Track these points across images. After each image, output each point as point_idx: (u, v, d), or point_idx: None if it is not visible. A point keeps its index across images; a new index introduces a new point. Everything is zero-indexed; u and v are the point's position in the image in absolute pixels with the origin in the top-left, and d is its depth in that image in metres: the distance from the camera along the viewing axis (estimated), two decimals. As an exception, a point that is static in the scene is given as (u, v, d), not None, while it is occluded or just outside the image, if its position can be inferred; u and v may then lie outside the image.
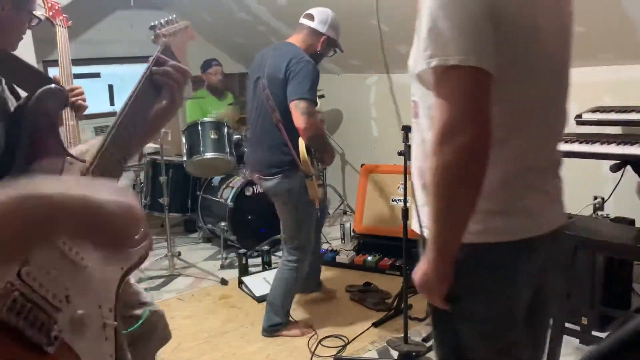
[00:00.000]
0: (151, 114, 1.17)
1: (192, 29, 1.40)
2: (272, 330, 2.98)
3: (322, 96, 4.32)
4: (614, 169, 2.59)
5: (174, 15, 1.33)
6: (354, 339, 2.92)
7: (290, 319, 3.04)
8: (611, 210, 3.14)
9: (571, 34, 1.30)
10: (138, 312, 1.61)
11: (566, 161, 3.74)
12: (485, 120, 1.08)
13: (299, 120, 2.61)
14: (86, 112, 1.80)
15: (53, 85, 1.01)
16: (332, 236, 4.59)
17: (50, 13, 1.72)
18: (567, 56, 1.30)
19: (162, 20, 1.29)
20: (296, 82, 2.64)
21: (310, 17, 2.87)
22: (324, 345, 2.87)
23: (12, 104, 1.10)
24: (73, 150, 1.06)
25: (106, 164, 1.02)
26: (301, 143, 2.70)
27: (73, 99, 1.69)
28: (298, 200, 2.79)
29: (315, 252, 3.26)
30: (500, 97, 1.12)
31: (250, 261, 3.92)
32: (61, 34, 1.69)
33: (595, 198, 3.03)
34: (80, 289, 0.88)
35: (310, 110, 2.62)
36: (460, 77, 1.07)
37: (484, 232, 1.18)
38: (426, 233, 1.23)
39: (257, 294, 3.45)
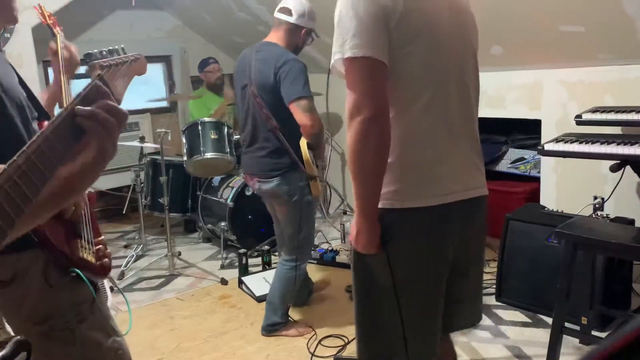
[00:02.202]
0: (66, 168, 0.89)
1: (145, 60, 1.22)
2: (271, 329, 2.98)
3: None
4: (614, 169, 2.59)
5: (122, 46, 1.16)
6: (354, 339, 2.91)
7: (290, 318, 3.04)
8: (611, 210, 3.14)
9: (470, 25, 1.58)
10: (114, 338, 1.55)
11: (566, 161, 3.74)
12: (380, 97, 1.37)
13: (303, 118, 2.59)
14: None
15: None
16: (332, 236, 4.59)
17: (51, 21, 1.71)
18: (469, 46, 1.57)
19: (104, 50, 1.10)
20: (289, 83, 2.61)
21: (288, 12, 2.81)
22: (324, 345, 2.87)
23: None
24: None
25: None
26: (303, 146, 2.70)
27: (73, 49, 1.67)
28: (297, 201, 2.79)
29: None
30: (407, 83, 1.43)
31: (250, 261, 3.92)
32: (60, 42, 1.69)
33: (595, 198, 3.04)
34: None
35: (311, 106, 2.63)
36: (356, 67, 1.38)
37: (405, 199, 1.46)
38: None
39: (257, 294, 3.45)
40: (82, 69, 1.56)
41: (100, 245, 1.51)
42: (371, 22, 1.37)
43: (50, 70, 5.18)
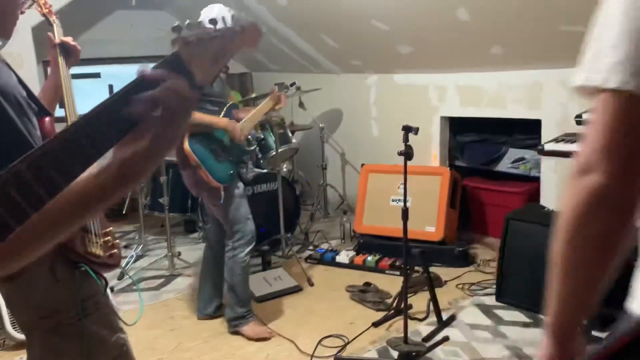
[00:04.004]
0: (119, 154, 0.80)
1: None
2: (230, 324, 3.02)
3: (293, 84, 4.36)
4: (614, 169, 2.58)
5: (233, 13, 0.91)
6: (354, 339, 2.92)
7: (252, 317, 3.03)
8: (611, 210, 3.14)
9: None
10: (121, 336, 1.57)
11: (566, 161, 3.74)
12: (631, 160, 0.82)
13: None
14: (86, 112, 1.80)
15: None
16: (332, 236, 4.59)
17: (46, 10, 1.73)
18: None
19: (202, 21, 0.87)
20: None
21: (199, 17, 2.96)
22: (324, 345, 2.87)
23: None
24: None
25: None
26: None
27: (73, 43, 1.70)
28: (210, 188, 2.86)
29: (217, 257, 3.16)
30: None
31: (250, 261, 3.91)
32: (58, 32, 1.71)
33: (596, 198, 3.03)
34: None
35: None
36: (609, 104, 0.82)
37: None
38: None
39: (257, 294, 3.45)
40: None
41: (108, 237, 1.53)
42: None
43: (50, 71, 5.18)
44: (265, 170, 4.25)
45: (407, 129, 2.65)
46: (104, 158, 0.80)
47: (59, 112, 1.72)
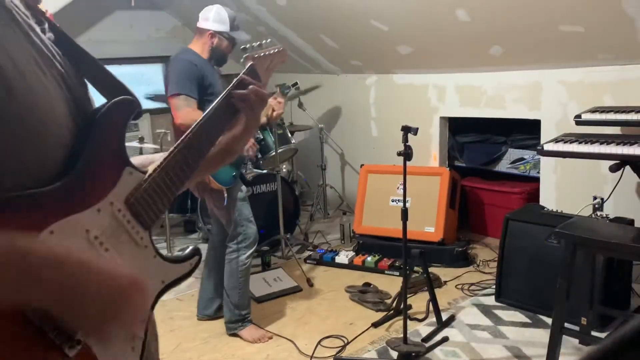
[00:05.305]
0: (221, 137, 1.14)
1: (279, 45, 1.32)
2: (229, 327, 3.00)
3: (294, 84, 4.37)
4: (614, 169, 2.59)
5: (269, 40, 1.32)
6: (354, 339, 2.92)
7: (249, 321, 3.00)
8: (610, 210, 3.15)
9: None
10: None
11: (566, 161, 3.74)
12: None
13: (174, 117, 2.75)
14: None
15: (128, 97, 0.96)
16: (331, 236, 4.59)
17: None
18: None
19: (254, 44, 1.27)
20: (168, 83, 2.80)
21: (198, 18, 2.94)
22: (324, 346, 2.87)
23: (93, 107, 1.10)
24: (135, 160, 1.02)
25: (164, 180, 0.97)
26: None
27: None
28: (212, 190, 2.86)
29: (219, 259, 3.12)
30: None
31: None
32: None
33: (595, 198, 3.04)
34: None
35: (179, 104, 2.72)
36: None
37: None
38: None
39: (257, 294, 3.45)
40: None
41: None
42: None
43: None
44: (264, 171, 4.25)
45: (407, 129, 2.65)
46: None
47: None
